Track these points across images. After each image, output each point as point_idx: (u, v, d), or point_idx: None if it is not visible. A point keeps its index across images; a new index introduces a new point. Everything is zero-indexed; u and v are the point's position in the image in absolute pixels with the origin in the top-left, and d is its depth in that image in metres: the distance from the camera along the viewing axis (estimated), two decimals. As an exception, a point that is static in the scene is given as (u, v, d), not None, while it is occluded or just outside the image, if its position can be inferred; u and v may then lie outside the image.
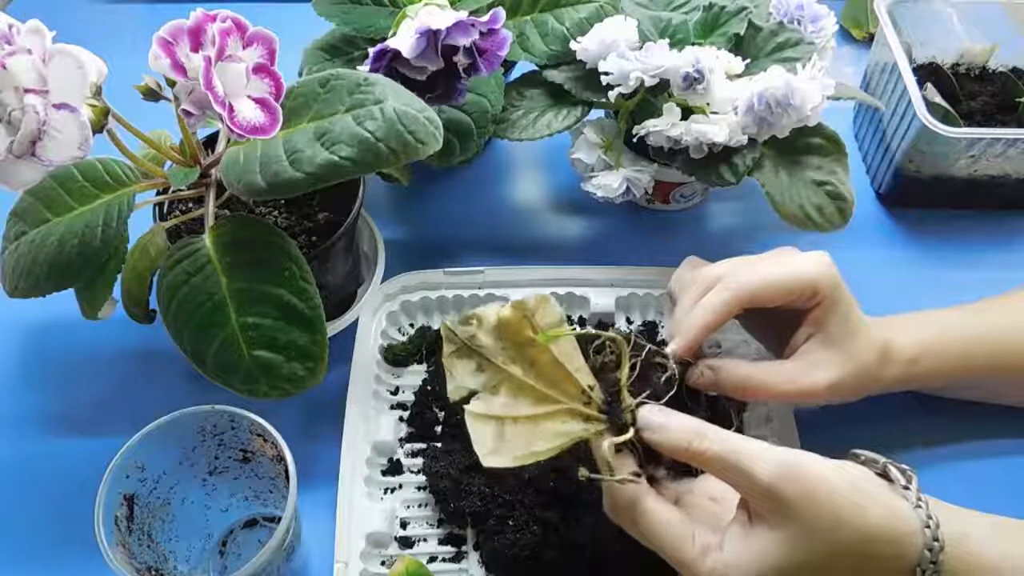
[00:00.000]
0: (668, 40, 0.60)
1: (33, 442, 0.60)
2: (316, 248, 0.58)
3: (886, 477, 0.44)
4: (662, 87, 0.60)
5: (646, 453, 0.46)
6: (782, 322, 0.53)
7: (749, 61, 0.62)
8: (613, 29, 0.61)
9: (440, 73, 0.57)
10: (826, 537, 0.41)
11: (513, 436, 0.43)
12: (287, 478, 0.47)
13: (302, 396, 0.52)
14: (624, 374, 0.45)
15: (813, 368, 0.51)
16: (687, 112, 0.60)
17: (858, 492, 0.42)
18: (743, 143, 0.59)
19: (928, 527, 0.42)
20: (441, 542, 0.55)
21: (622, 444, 0.44)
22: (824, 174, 0.60)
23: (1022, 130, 0.66)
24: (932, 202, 0.73)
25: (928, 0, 0.77)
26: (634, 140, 0.62)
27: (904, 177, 0.72)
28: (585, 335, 0.46)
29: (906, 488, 0.43)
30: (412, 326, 0.64)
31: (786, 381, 0.51)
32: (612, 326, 0.64)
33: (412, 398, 0.61)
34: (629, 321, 0.65)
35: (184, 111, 0.49)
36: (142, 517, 0.49)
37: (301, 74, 0.66)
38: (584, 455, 0.45)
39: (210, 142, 0.60)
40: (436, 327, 0.64)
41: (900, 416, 0.60)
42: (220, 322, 0.51)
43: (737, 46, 0.63)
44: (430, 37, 0.55)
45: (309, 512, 0.54)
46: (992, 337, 0.56)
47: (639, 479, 0.44)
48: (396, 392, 0.61)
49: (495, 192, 0.76)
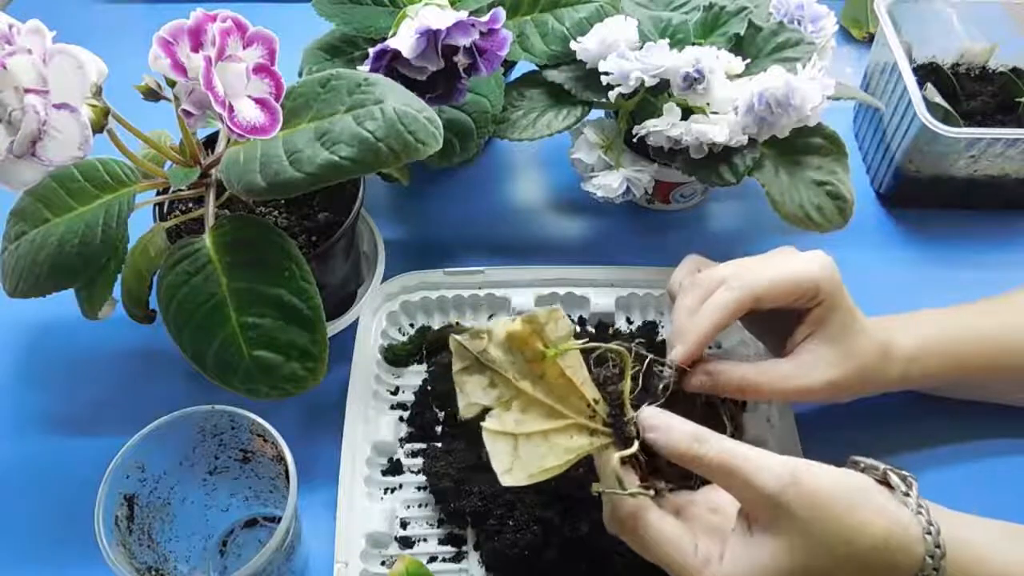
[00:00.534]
0: (668, 40, 0.60)
1: (33, 442, 0.60)
2: (316, 248, 0.58)
3: (886, 484, 0.44)
4: (662, 87, 0.60)
5: (648, 467, 0.46)
6: (781, 322, 0.53)
7: (749, 61, 0.62)
8: (613, 29, 0.61)
9: (440, 73, 0.57)
10: (827, 546, 0.41)
11: (526, 453, 0.43)
12: (287, 478, 0.47)
13: (302, 396, 0.52)
14: (627, 387, 0.45)
15: (812, 367, 0.51)
16: (687, 112, 0.60)
17: (859, 501, 0.42)
18: (743, 143, 0.59)
19: (929, 534, 0.42)
20: (441, 542, 0.55)
21: (626, 459, 0.44)
22: (824, 174, 0.60)
23: (1022, 130, 0.66)
24: (932, 202, 0.73)
25: (928, 0, 0.77)
26: (634, 140, 0.62)
27: (904, 177, 0.72)
28: (591, 347, 0.46)
29: (906, 495, 0.43)
30: (412, 326, 0.64)
31: (784, 380, 0.51)
32: (612, 326, 0.64)
33: (412, 398, 0.61)
34: (629, 321, 0.65)
35: (184, 111, 0.49)
36: (142, 517, 0.49)
37: (301, 74, 0.66)
38: (585, 463, 0.45)
39: (210, 142, 0.60)
40: (436, 327, 0.64)
41: (900, 416, 0.60)
42: (220, 322, 0.51)
43: (737, 46, 0.63)
44: (430, 37, 0.55)
45: (309, 512, 0.54)
46: (992, 337, 0.56)
47: (650, 492, 0.44)
48: (396, 392, 0.61)
49: (495, 192, 0.76)
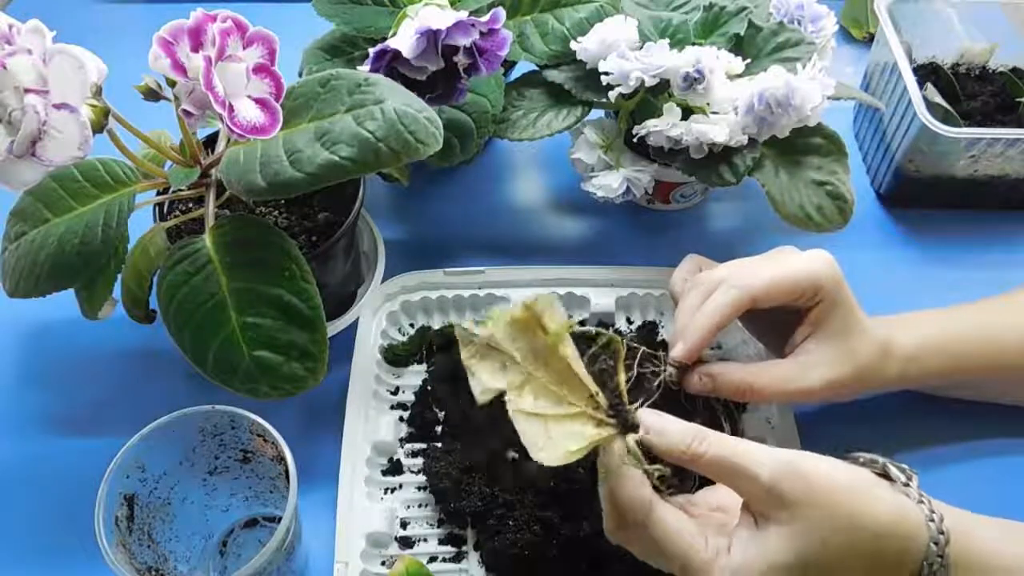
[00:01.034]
0: (668, 40, 0.60)
1: (33, 442, 0.60)
2: (316, 248, 0.58)
3: (886, 477, 0.44)
4: (662, 87, 0.60)
5: (648, 460, 0.46)
6: (781, 321, 0.53)
7: (749, 61, 0.62)
8: (613, 29, 0.61)
9: (440, 73, 0.57)
10: (833, 535, 0.41)
11: (557, 433, 0.42)
12: (287, 478, 0.47)
13: (302, 396, 0.52)
14: (622, 377, 0.45)
15: (812, 366, 0.51)
16: (687, 112, 0.60)
17: (860, 489, 0.42)
18: (743, 143, 0.59)
19: (931, 521, 0.42)
20: (441, 542, 0.55)
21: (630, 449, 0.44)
22: (824, 174, 0.60)
23: (1022, 130, 0.66)
24: (932, 202, 0.73)
25: (928, 0, 0.77)
26: (634, 140, 0.62)
27: (904, 177, 0.72)
28: (583, 334, 0.46)
29: (906, 486, 0.43)
30: (412, 326, 0.64)
31: (784, 380, 0.51)
32: (612, 326, 0.64)
33: (412, 398, 0.61)
34: (629, 321, 0.65)
35: (184, 111, 0.49)
36: (142, 517, 0.49)
37: (301, 74, 0.66)
38: (585, 462, 0.45)
39: (210, 142, 0.60)
40: (436, 327, 0.64)
41: (900, 416, 0.60)
42: (220, 322, 0.51)
43: (737, 46, 0.63)
44: (430, 37, 0.55)
45: (309, 512, 0.54)
46: (992, 336, 0.56)
47: (666, 469, 0.44)
48: (396, 392, 0.61)
49: (495, 192, 0.76)
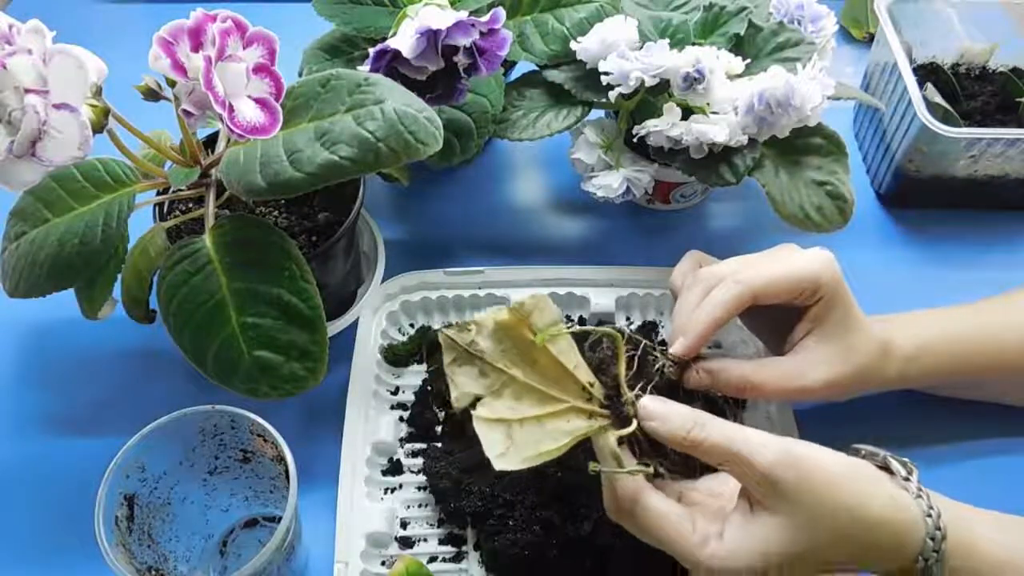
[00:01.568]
0: (668, 40, 0.60)
1: (33, 442, 0.60)
2: (316, 248, 0.58)
3: (887, 470, 0.44)
4: (662, 87, 0.60)
5: (651, 452, 0.46)
6: (781, 319, 0.53)
7: (749, 61, 0.62)
8: (613, 29, 0.61)
9: (440, 73, 0.57)
10: (828, 525, 0.41)
11: (521, 438, 0.43)
12: (287, 478, 0.47)
13: (302, 396, 0.52)
14: (622, 368, 0.45)
15: (811, 365, 0.51)
16: (687, 112, 0.60)
17: (858, 481, 0.42)
18: (743, 143, 0.59)
19: (929, 516, 0.42)
20: (441, 542, 0.55)
21: (623, 439, 0.44)
22: (824, 174, 0.60)
23: (1022, 130, 0.66)
24: (932, 202, 0.73)
25: (928, 0, 0.77)
26: (634, 140, 0.62)
27: (904, 177, 0.72)
28: (581, 331, 0.47)
29: (906, 479, 0.44)
30: (412, 326, 0.64)
31: (783, 378, 0.51)
32: (612, 326, 0.64)
33: (412, 398, 0.61)
34: (629, 321, 0.65)
35: (184, 111, 0.49)
36: (142, 517, 0.49)
37: (301, 74, 0.66)
38: (584, 451, 0.45)
39: (210, 142, 0.60)
40: (436, 327, 0.64)
41: (900, 415, 0.60)
42: (220, 322, 0.51)
43: (737, 46, 0.63)
44: (430, 37, 0.55)
45: (309, 512, 0.54)
46: (992, 336, 0.56)
47: (648, 469, 0.44)
48: (396, 392, 0.61)
49: (495, 192, 0.76)
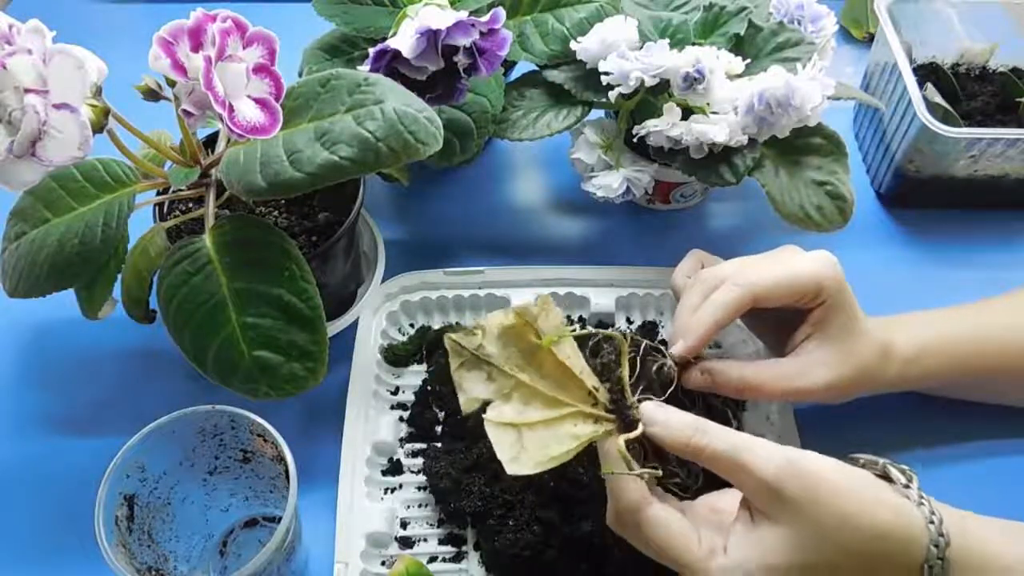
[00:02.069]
0: (668, 40, 0.60)
1: (33, 442, 0.60)
2: (316, 248, 0.58)
3: (886, 478, 0.44)
4: (662, 87, 0.60)
5: (653, 456, 0.46)
6: (782, 321, 0.53)
7: (749, 61, 0.62)
8: (613, 29, 0.61)
9: (440, 73, 0.57)
10: (833, 536, 0.41)
11: (530, 442, 0.43)
12: (287, 478, 0.47)
13: (302, 396, 0.52)
14: (625, 372, 0.45)
15: (812, 367, 0.51)
16: (687, 112, 0.60)
17: (861, 490, 0.42)
18: (743, 143, 0.59)
19: (932, 523, 0.42)
20: (441, 542, 0.55)
21: (630, 444, 0.44)
22: (824, 174, 0.60)
23: (1022, 130, 0.66)
24: (932, 202, 0.73)
25: (928, 0, 0.77)
26: (634, 140, 0.62)
27: (904, 177, 0.72)
28: (584, 335, 0.47)
29: (907, 487, 0.43)
30: (412, 326, 0.64)
31: (784, 380, 0.51)
32: (612, 326, 0.64)
33: (412, 398, 0.61)
34: (629, 321, 0.65)
35: (184, 111, 0.49)
36: (142, 517, 0.49)
37: (301, 74, 0.66)
38: (586, 461, 0.45)
39: (210, 142, 0.60)
40: (436, 327, 0.64)
41: (900, 416, 0.60)
42: (220, 322, 0.51)
43: (737, 46, 0.63)
44: (430, 37, 0.55)
45: (309, 512, 0.54)
46: (992, 337, 0.56)
47: (657, 471, 0.44)
48: (396, 392, 0.61)
49: (495, 192, 0.76)
